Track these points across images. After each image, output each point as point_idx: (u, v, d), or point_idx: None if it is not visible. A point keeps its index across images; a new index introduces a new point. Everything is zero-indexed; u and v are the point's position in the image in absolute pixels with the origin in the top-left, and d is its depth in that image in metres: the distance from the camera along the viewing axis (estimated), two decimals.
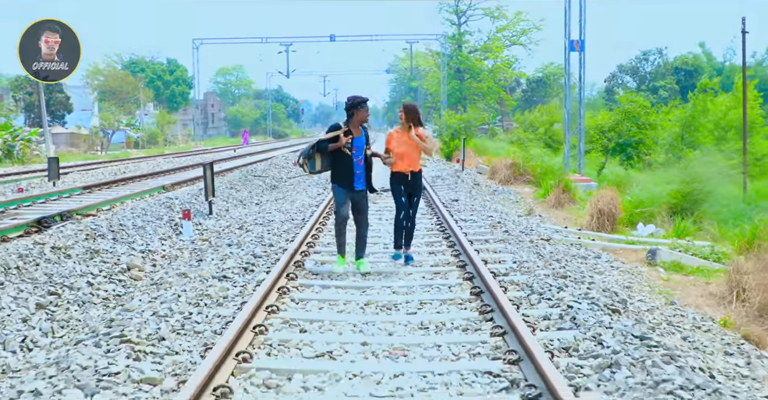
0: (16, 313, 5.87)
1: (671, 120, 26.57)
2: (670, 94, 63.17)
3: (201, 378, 3.71)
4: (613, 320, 5.09)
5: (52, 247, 7.61)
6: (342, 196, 6.87)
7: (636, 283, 7.79)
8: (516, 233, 9.48)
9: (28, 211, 11.66)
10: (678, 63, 76.10)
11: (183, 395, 3.47)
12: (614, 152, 23.29)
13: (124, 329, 4.58)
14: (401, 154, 7.10)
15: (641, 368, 4.04)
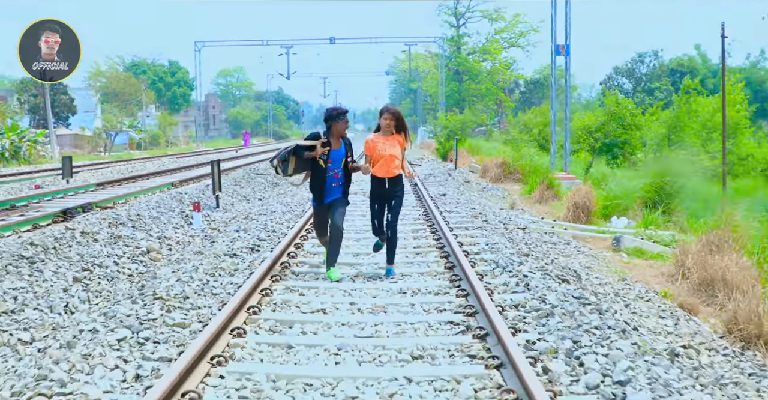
0: (58, 284, 6.91)
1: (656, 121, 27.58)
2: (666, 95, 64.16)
3: (220, 322, 4.74)
4: (560, 287, 6.13)
5: (81, 232, 8.65)
6: (316, 211, 6.80)
7: (597, 264, 8.82)
8: (494, 222, 10.51)
9: (50, 204, 12.69)
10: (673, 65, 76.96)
11: (206, 333, 4.49)
12: (601, 152, 24.32)
13: (155, 290, 5.63)
14: (381, 162, 6.68)
15: (570, 317, 5.07)
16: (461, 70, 70.71)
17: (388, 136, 6.72)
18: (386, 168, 6.70)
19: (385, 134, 6.74)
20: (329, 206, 6.70)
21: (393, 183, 6.75)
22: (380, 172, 6.73)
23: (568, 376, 4.00)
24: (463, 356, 4.46)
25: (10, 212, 11.55)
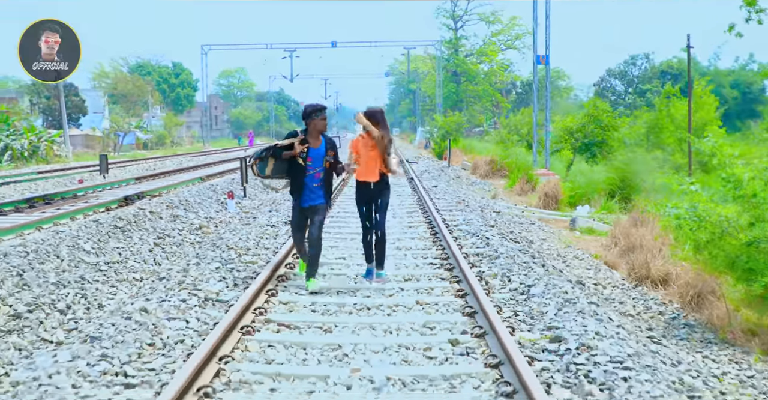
0: (144, 246, 9.36)
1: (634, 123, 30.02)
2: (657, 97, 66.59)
3: (277, 261, 7.19)
4: (512, 245, 8.59)
5: (150, 211, 11.11)
6: (295, 213, 6.63)
7: (551, 237, 11.29)
8: (474, 207, 12.98)
9: (105, 194, 15.15)
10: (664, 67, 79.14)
11: (271, 265, 6.92)
12: (581, 151, 26.75)
13: (227, 244, 8.09)
14: (365, 161, 6.60)
15: (511, 258, 7.54)
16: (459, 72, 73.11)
17: (369, 138, 6.60)
18: (368, 171, 6.62)
19: (368, 135, 6.64)
20: (309, 211, 6.50)
21: (377, 185, 6.65)
22: (362, 175, 6.66)
23: (500, 285, 6.47)
24: (438, 279, 6.92)
25: (77, 200, 14.01)
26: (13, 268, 6.98)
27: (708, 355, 5.64)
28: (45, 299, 6.57)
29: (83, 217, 11.18)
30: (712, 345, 5.99)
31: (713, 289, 7.44)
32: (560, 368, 4.21)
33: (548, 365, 4.26)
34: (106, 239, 9.12)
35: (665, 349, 5.28)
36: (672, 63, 78.44)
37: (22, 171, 25.53)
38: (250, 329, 5.07)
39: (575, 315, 5.27)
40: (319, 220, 6.50)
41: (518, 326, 5.15)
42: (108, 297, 7.10)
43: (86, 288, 7.18)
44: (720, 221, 6.37)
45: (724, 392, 4.43)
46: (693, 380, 4.22)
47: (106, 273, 7.87)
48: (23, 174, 22.89)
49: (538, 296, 5.95)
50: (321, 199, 6.53)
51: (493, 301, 5.79)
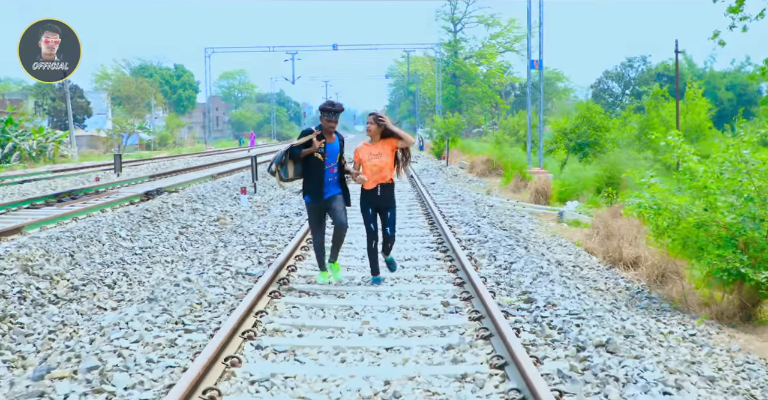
0: (170, 234, 10.42)
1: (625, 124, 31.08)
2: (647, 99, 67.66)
3: (294, 243, 8.24)
4: (500, 232, 9.65)
5: (172, 204, 12.18)
6: (313, 211, 6.67)
7: (539, 227, 12.34)
8: (469, 201, 14.04)
9: (125, 190, 16.21)
10: (660, 69, 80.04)
11: (289, 247, 7.98)
12: (574, 150, 27.82)
13: (247, 230, 9.15)
14: (371, 169, 6.54)
15: (498, 243, 8.60)
16: (458, 74, 74.18)
17: (375, 144, 6.58)
18: (375, 178, 6.58)
19: (373, 142, 6.61)
20: (328, 203, 6.58)
21: (383, 192, 6.61)
22: (368, 183, 6.60)
23: (486, 263, 7.53)
24: (435, 259, 7.98)
25: (99, 195, 15.06)
26: (66, 249, 8.04)
27: (660, 319, 6.69)
28: (94, 275, 7.63)
29: (111, 210, 12.24)
30: (666, 312, 7.05)
31: (676, 269, 8.50)
32: (529, 320, 5.26)
33: (520, 318, 5.31)
34: (138, 228, 10.18)
35: (621, 312, 6.34)
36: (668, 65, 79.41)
37: (38, 170, 26.61)
38: (277, 294, 6.13)
39: (547, 283, 6.33)
40: (341, 209, 6.54)
41: (499, 292, 6.20)
42: (145, 276, 8.15)
43: (126, 268, 8.24)
44: (676, 209, 7.42)
45: (662, 341, 5.49)
46: (633, 327, 5.28)
47: (141, 256, 8.93)
48: (38, 173, 23.98)
49: (518, 270, 7.01)
50: (338, 189, 6.60)
51: (480, 274, 6.85)
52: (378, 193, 6.61)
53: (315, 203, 6.58)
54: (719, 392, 4.35)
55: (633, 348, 4.57)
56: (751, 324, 7.00)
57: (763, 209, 6.98)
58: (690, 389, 3.90)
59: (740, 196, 7.25)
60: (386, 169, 6.59)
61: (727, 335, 6.38)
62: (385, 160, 6.55)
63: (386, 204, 6.65)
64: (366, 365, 4.48)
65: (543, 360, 4.34)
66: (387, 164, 6.57)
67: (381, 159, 6.54)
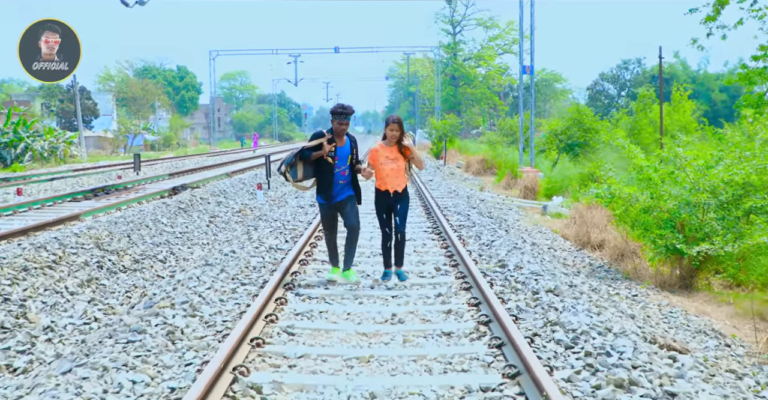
0: (201, 222, 12.04)
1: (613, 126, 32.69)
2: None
3: (313, 228, 9.86)
4: (486, 219, 11.28)
5: (200, 197, 13.80)
6: (325, 214, 6.81)
7: (523, 218, 13.96)
8: (463, 196, 15.67)
9: (150, 186, 17.82)
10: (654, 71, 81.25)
11: (309, 229, 9.59)
12: (565, 151, 29.46)
13: (271, 217, 10.78)
14: (387, 172, 6.72)
15: (485, 227, 10.23)
16: (457, 76, 75.73)
17: (391, 147, 6.70)
18: (389, 182, 6.75)
19: (389, 145, 6.71)
20: (339, 206, 6.72)
21: (397, 194, 6.80)
22: (383, 186, 6.78)
23: (473, 241, 9.16)
24: (431, 239, 9.60)
25: (128, 191, 16.68)
26: (123, 232, 9.67)
27: (611, 284, 8.31)
28: (149, 252, 9.26)
29: (146, 202, 13.87)
30: (618, 281, 8.67)
31: (634, 250, 10.11)
32: (501, 278, 6.89)
33: (494, 277, 6.94)
34: (175, 217, 11.81)
35: (576, 278, 7.97)
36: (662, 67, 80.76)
37: (59, 169, 28.19)
38: (305, 261, 7.75)
39: (519, 255, 7.96)
40: (353, 210, 6.71)
41: (480, 261, 7.83)
42: (188, 254, 9.77)
43: (172, 248, 9.87)
44: (627, 197, 9.04)
45: (608, 299, 7.11)
46: (578, 283, 6.91)
47: (182, 239, 10.56)
48: (61, 172, 25.59)
49: (497, 246, 8.64)
50: (350, 191, 6.72)
51: (466, 249, 8.47)
52: (391, 195, 6.78)
53: (326, 204, 6.71)
54: (642, 331, 5.96)
55: (574, 294, 6.19)
56: (688, 291, 8.61)
57: (695, 196, 8.61)
58: (607, 315, 5.53)
59: (679, 186, 8.87)
60: (402, 175, 6.76)
61: (663, 297, 8.01)
62: (401, 165, 6.71)
63: (399, 202, 6.83)
64: (378, 305, 6.10)
65: (507, 300, 5.96)
66: (402, 170, 6.74)
67: (398, 164, 6.69)
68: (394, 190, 6.78)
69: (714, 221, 8.55)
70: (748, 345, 6.09)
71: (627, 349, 4.43)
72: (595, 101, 78.57)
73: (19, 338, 5.58)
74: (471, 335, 5.17)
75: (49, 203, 13.74)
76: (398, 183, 6.78)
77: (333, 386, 4.13)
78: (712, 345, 5.87)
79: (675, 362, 4.43)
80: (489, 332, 5.17)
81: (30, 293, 6.56)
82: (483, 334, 5.16)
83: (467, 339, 5.07)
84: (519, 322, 5.33)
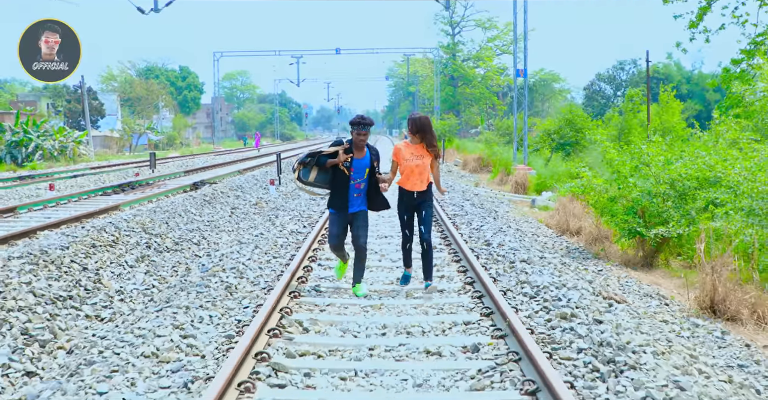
0: (225, 213, 13.52)
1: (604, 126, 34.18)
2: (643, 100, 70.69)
3: (325, 218, 11.32)
4: (478, 209, 12.77)
5: (221, 191, 15.28)
6: (335, 222, 6.59)
7: (513, 210, 15.43)
8: (458, 190, 17.15)
9: (171, 182, 19.29)
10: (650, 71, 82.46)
11: (324, 217, 11.06)
12: (557, 150, 30.95)
13: (288, 207, 12.27)
14: (411, 170, 6.53)
15: (475, 215, 11.71)
16: (456, 76, 77.11)
17: (416, 145, 6.58)
18: (414, 180, 6.57)
19: (414, 142, 6.60)
20: (351, 218, 6.56)
21: (421, 194, 6.63)
22: (407, 185, 6.60)
23: (465, 226, 10.63)
24: None
25: (151, 186, 18.15)
26: (162, 219, 11.15)
27: (581, 262, 9.78)
28: (185, 236, 10.73)
29: (172, 196, 15.34)
30: (588, 260, 10.14)
31: (607, 235, 11.58)
32: (486, 253, 8.37)
33: (480, 252, 8.41)
34: (201, 208, 13.30)
35: (550, 255, 9.45)
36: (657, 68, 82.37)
37: (77, 167, 29.65)
38: (323, 241, 9.24)
39: (503, 236, 9.44)
40: (363, 229, 6.55)
41: (469, 241, 9.31)
42: (217, 239, 11.24)
43: (203, 233, 11.34)
44: (598, 189, 10.52)
45: (578, 270, 8.58)
46: (548, 256, 8.39)
47: (210, 226, 12.03)
48: (79, 169, 27.06)
49: (485, 230, 10.12)
50: (364, 206, 6.58)
51: (459, 232, 9.95)
52: (414, 195, 6.62)
53: (338, 213, 6.55)
54: (593, 288, 7.42)
55: (542, 263, 7.68)
56: (648, 268, 10.07)
57: (656, 187, 10.07)
58: (567, 277, 7.01)
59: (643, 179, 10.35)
60: (426, 172, 6.60)
61: (624, 271, 9.48)
62: (427, 162, 6.58)
63: (423, 205, 6.67)
64: (386, 272, 7.58)
65: (489, 268, 7.45)
66: (427, 167, 6.60)
67: (423, 161, 6.54)
68: (418, 190, 6.60)
69: (671, 208, 10.03)
70: (684, 304, 7.56)
71: (575, 297, 5.91)
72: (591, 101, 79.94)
73: (100, 296, 7.05)
74: (459, 291, 6.66)
75: (84, 196, 15.22)
76: (422, 181, 6.59)
77: (354, 322, 5.60)
78: (653, 304, 7.34)
79: (610, 306, 5.91)
80: (473, 289, 6.65)
81: (100, 265, 8.04)
82: (468, 291, 6.64)
83: (456, 294, 6.55)
84: (497, 282, 6.80)
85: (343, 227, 6.59)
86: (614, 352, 4.44)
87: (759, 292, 7.11)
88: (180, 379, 4.06)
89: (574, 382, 4.09)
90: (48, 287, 6.65)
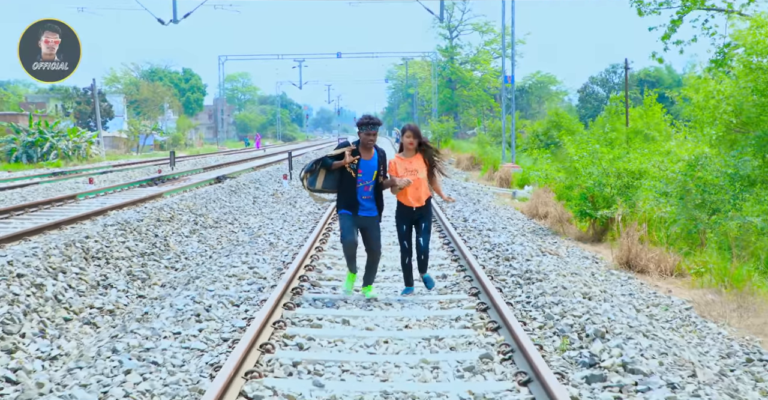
0: (248, 201, 15.93)
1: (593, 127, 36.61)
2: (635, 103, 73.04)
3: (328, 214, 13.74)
4: (463, 198, 15.20)
5: (243, 183, 17.72)
6: (347, 222, 6.44)
7: (495, 200, 17.86)
8: (449, 184, 19.57)
9: (194, 177, 21.71)
10: (641, 75, 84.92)
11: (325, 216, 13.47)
12: (543, 149, 33.38)
13: (303, 196, 14.71)
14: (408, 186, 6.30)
15: (465, 203, 14.13)
16: (453, 79, 79.35)
17: (410, 158, 6.40)
18: (411, 195, 6.40)
19: (407, 155, 6.42)
20: (363, 222, 6.45)
21: (420, 209, 6.48)
22: (405, 199, 6.44)
23: (449, 210, 13.06)
24: None
25: (178, 181, 20.56)
26: (201, 204, 13.57)
27: (544, 239, 12.18)
28: (221, 218, 13.16)
29: (200, 187, 17.77)
30: (548, 236, 12.55)
31: (568, 218, 14.01)
32: (462, 226, 10.79)
33: (457, 225, 10.84)
34: (229, 197, 15.73)
35: (514, 228, 11.87)
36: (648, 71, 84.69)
37: (100, 164, 32.05)
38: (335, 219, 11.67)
39: (477, 215, 11.87)
40: (375, 235, 6.46)
41: (450, 219, 11.72)
42: (246, 221, 13.64)
43: (235, 216, 13.76)
44: (558, 179, 12.93)
45: (534, 240, 11.01)
46: (513, 229, 10.82)
47: (238, 211, 14.45)
48: (101, 167, 29.43)
49: (464, 211, 12.55)
50: (374, 211, 6.46)
51: (444, 214, 12.36)
52: (414, 209, 6.48)
53: (349, 214, 6.45)
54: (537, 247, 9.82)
55: (504, 233, 10.11)
56: (597, 243, 12.47)
57: (605, 179, 12.48)
58: (521, 240, 9.44)
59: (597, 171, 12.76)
60: (423, 187, 6.42)
61: (575, 244, 11.89)
62: (423, 176, 6.39)
63: (422, 218, 6.55)
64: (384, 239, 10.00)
65: (462, 235, 9.88)
66: (424, 181, 6.41)
67: (417, 176, 6.35)
68: (417, 205, 6.46)
69: (616, 195, 12.45)
70: (610, 263, 9.98)
71: (519, 249, 8.34)
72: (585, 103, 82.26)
73: (170, 255, 9.48)
74: (439, 249, 9.09)
75: (125, 188, 17.63)
76: (420, 195, 6.45)
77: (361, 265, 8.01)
78: (587, 263, 9.76)
79: (543, 255, 8.35)
80: (448, 248, 9.07)
81: (166, 234, 10.47)
82: (445, 249, 9.07)
83: (436, 250, 8.99)
84: (467, 243, 9.24)
85: (354, 226, 6.45)
86: (532, 275, 6.88)
87: (663, 252, 9.54)
88: (255, 286, 6.49)
89: (503, 289, 6.53)
90: (136, 246, 9.09)
